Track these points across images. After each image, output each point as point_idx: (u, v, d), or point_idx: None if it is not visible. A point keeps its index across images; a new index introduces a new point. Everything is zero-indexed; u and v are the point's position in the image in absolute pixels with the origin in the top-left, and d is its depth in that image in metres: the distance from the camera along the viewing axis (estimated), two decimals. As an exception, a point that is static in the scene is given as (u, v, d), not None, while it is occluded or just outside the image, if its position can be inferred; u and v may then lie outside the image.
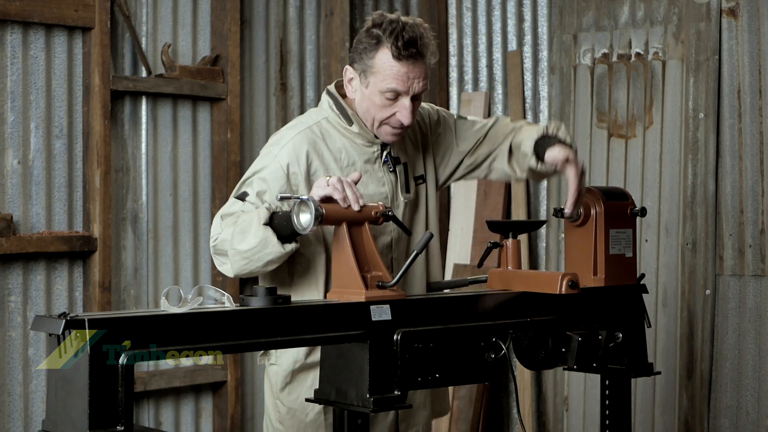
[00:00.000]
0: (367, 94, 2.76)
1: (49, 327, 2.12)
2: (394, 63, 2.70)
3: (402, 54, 2.69)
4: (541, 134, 2.93)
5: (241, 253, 2.65)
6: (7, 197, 4.07)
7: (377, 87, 2.73)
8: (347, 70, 2.81)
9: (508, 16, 5.38)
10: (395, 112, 2.76)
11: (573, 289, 2.72)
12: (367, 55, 2.73)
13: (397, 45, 2.68)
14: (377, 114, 2.77)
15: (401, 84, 2.71)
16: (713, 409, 4.60)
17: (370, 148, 2.85)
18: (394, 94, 2.73)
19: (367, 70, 2.74)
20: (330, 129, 2.85)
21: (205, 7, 4.72)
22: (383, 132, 2.81)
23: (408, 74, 2.71)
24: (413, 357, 2.53)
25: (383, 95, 2.73)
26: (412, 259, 2.60)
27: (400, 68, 2.71)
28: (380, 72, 2.72)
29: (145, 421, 4.49)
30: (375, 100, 2.75)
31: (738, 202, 4.55)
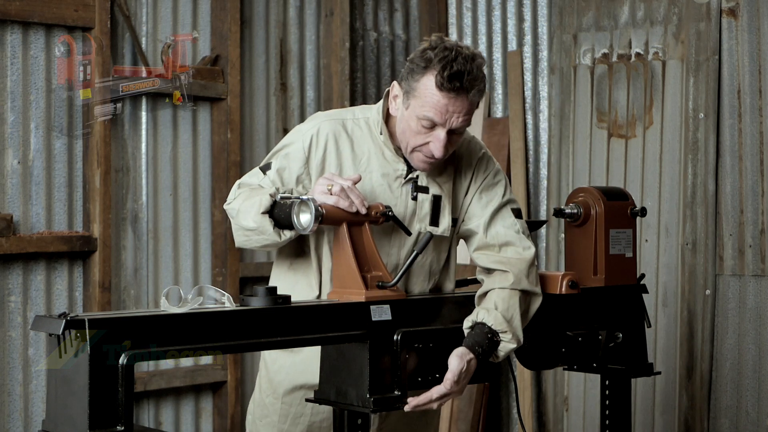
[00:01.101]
0: (406, 116, 2.66)
1: (49, 327, 2.12)
2: (435, 92, 2.59)
3: (445, 85, 2.57)
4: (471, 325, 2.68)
5: (242, 230, 2.68)
6: (7, 197, 4.07)
7: (415, 112, 2.63)
8: (394, 86, 2.72)
9: (508, 16, 5.38)
10: (429, 142, 2.65)
11: (573, 289, 2.72)
12: (414, 77, 2.63)
13: (443, 74, 2.56)
14: (411, 139, 2.67)
15: (439, 115, 2.60)
16: (713, 409, 4.60)
17: (394, 165, 2.75)
18: (431, 123, 2.62)
19: (410, 91, 2.64)
20: (365, 129, 2.77)
21: (205, 7, 4.72)
22: (415, 158, 2.70)
23: (448, 107, 2.59)
24: (413, 357, 2.53)
25: (420, 122, 2.62)
26: (412, 259, 2.60)
27: (440, 99, 2.59)
28: (421, 97, 2.61)
29: (145, 421, 4.49)
30: (411, 125, 2.65)
31: (738, 202, 4.55)
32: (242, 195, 2.72)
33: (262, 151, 4.93)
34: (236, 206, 2.70)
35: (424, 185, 2.74)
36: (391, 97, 2.73)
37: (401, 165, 2.75)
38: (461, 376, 2.54)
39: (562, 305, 2.79)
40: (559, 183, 5.00)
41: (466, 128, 2.68)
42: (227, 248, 4.66)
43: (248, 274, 4.78)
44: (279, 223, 2.61)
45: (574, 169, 4.97)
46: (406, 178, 2.74)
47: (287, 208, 2.57)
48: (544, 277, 2.80)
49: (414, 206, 2.75)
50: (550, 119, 5.16)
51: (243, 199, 2.70)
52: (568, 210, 2.93)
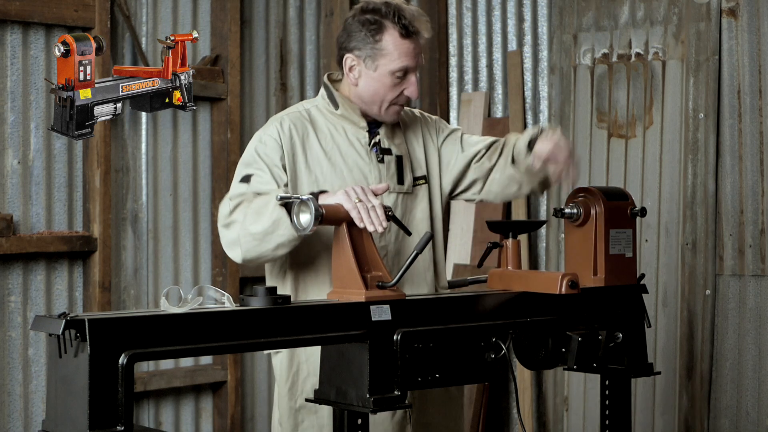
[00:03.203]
0: (376, 76, 2.85)
1: (49, 327, 2.12)
2: (402, 41, 2.81)
3: (409, 31, 2.81)
4: (535, 134, 2.98)
5: (253, 235, 2.67)
6: (7, 197, 4.07)
7: (388, 68, 2.83)
8: (347, 59, 2.87)
9: (508, 16, 5.38)
10: (404, 90, 2.85)
11: (573, 289, 2.72)
12: (372, 39, 2.82)
13: (402, 24, 2.80)
14: (387, 95, 2.86)
15: (411, 60, 2.83)
16: (713, 409, 4.60)
17: (357, 134, 2.90)
18: (404, 72, 2.83)
19: (374, 54, 2.83)
20: (317, 115, 2.92)
21: (205, 7, 4.72)
22: (391, 112, 2.90)
23: (414, 50, 2.83)
24: (413, 357, 2.53)
25: (394, 75, 2.83)
26: (413, 259, 2.60)
27: (408, 45, 2.82)
28: (390, 53, 2.82)
29: (145, 421, 4.49)
30: (385, 82, 2.84)
31: (738, 202, 4.55)
32: (243, 204, 2.73)
33: (262, 151, 4.93)
34: (239, 216, 2.70)
35: (387, 147, 2.93)
36: (347, 71, 2.88)
37: (363, 133, 2.90)
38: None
39: (562, 305, 2.79)
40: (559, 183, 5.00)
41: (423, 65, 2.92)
42: (227, 248, 4.66)
43: (248, 274, 4.78)
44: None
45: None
46: (370, 144, 2.90)
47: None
48: (544, 277, 2.80)
49: (382, 168, 2.91)
50: (550, 119, 5.16)
51: (246, 205, 2.71)
52: (568, 210, 2.93)
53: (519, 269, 2.85)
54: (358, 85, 2.88)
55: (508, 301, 2.77)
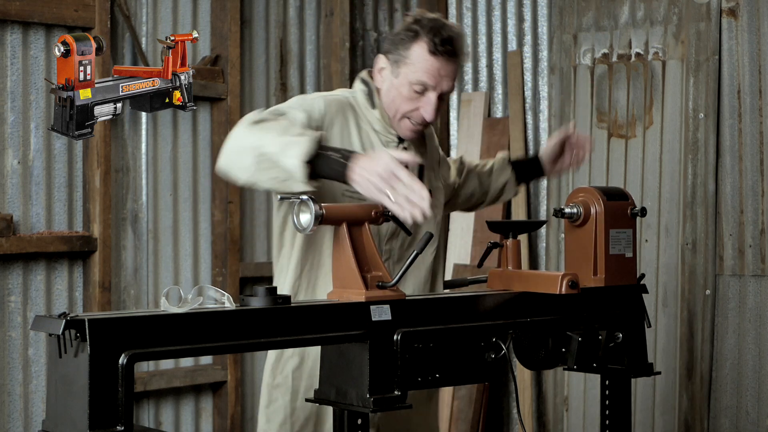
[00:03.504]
0: (396, 84, 2.78)
1: (49, 327, 2.12)
2: (428, 57, 2.74)
3: (438, 49, 2.73)
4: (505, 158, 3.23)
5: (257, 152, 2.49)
6: (7, 197, 4.07)
7: (408, 78, 2.76)
8: (379, 59, 2.83)
9: (508, 16, 5.38)
10: (419, 107, 2.78)
11: (573, 289, 2.72)
12: (403, 46, 2.76)
13: (434, 40, 2.72)
14: (402, 106, 2.79)
15: (432, 78, 2.75)
16: (713, 409, 4.60)
17: (386, 137, 2.84)
18: (423, 88, 2.76)
19: (400, 60, 2.77)
20: (357, 109, 2.85)
21: (205, 7, 4.72)
22: (403, 126, 2.82)
23: (440, 70, 2.75)
24: (413, 357, 2.53)
25: (412, 87, 2.75)
26: (413, 259, 2.60)
27: (433, 62, 2.74)
28: (414, 63, 2.75)
29: (145, 421, 4.49)
30: (403, 91, 2.77)
31: (738, 202, 4.55)
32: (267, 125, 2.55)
33: (262, 151, 4.93)
34: (271, 128, 2.52)
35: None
36: (376, 71, 2.83)
37: (393, 138, 2.84)
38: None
39: (562, 305, 2.79)
40: (559, 183, 5.00)
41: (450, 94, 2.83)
42: (227, 248, 4.66)
43: (248, 274, 4.78)
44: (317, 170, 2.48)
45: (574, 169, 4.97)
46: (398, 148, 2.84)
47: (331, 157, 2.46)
48: (544, 277, 2.80)
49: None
50: (550, 119, 5.16)
51: (282, 128, 2.53)
52: (568, 210, 2.93)
53: (519, 269, 2.85)
54: (382, 88, 2.83)
55: (508, 301, 2.76)
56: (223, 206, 4.68)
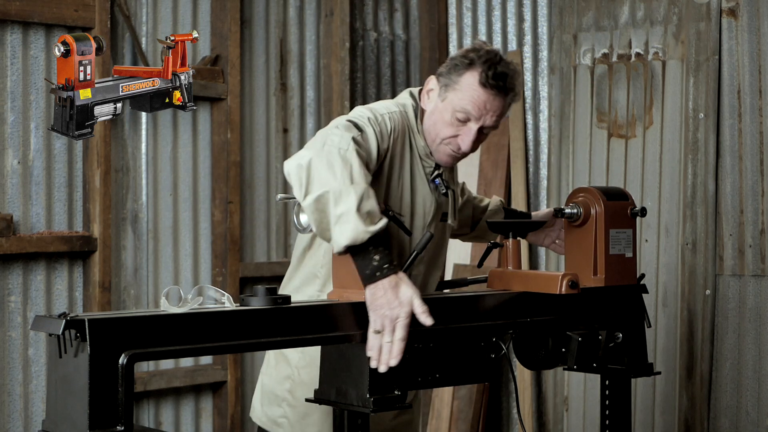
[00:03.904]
0: (440, 107, 2.76)
1: (49, 327, 2.12)
2: (477, 87, 2.72)
3: (489, 82, 2.70)
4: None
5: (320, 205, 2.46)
6: (7, 197, 4.07)
7: (452, 103, 2.73)
8: (430, 80, 2.81)
9: (508, 16, 5.38)
10: (458, 135, 2.76)
11: (573, 289, 2.72)
12: (456, 72, 2.74)
13: (488, 72, 2.70)
14: (442, 130, 2.76)
15: (476, 110, 2.72)
16: (713, 409, 4.60)
17: (427, 160, 2.82)
18: (465, 117, 2.73)
19: (450, 84, 2.75)
20: (409, 127, 2.82)
21: (205, 7, 4.72)
22: (441, 151, 2.79)
23: (486, 104, 2.72)
24: (413, 357, 2.53)
25: (455, 113, 2.73)
26: (412, 260, 2.60)
27: (481, 95, 2.72)
28: (462, 91, 2.72)
29: (145, 421, 4.49)
30: (445, 116, 2.75)
31: (738, 202, 4.55)
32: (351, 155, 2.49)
33: (262, 151, 4.93)
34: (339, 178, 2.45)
35: (447, 181, 2.87)
36: (425, 92, 2.81)
37: (430, 166, 2.82)
38: None
39: (562, 305, 2.80)
40: (559, 183, 5.00)
41: (493, 130, 2.79)
42: (227, 248, 4.66)
43: (248, 274, 4.78)
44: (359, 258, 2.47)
45: (574, 169, 4.97)
46: (433, 175, 2.82)
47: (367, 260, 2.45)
48: (544, 277, 2.80)
49: (444, 200, 2.86)
50: (550, 119, 5.16)
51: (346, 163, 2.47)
52: (568, 210, 2.93)
53: (519, 269, 2.85)
54: (427, 109, 2.81)
55: (508, 301, 2.76)
56: (223, 206, 4.68)
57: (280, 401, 2.93)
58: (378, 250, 2.45)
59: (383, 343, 2.43)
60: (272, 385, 2.95)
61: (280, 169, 5.01)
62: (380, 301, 2.44)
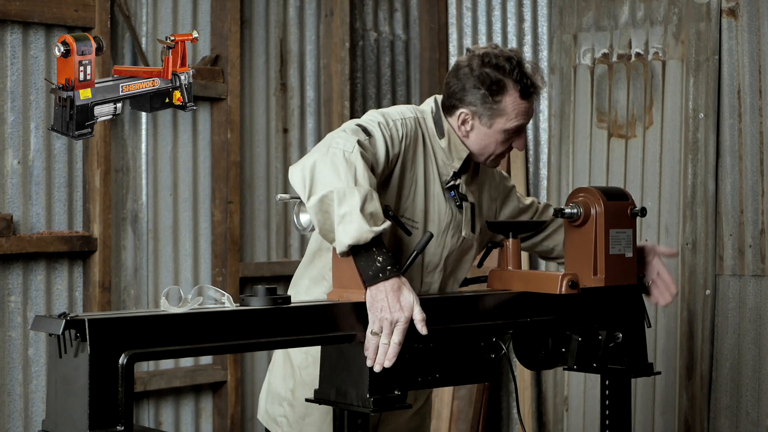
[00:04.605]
0: (490, 133, 2.81)
1: (49, 327, 2.12)
2: (520, 102, 2.79)
3: (529, 92, 2.79)
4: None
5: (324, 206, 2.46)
6: (7, 197, 4.07)
7: (504, 126, 2.80)
8: (461, 113, 2.80)
9: (508, 16, 5.38)
10: (512, 143, 2.85)
11: (573, 289, 2.72)
12: (492, 99, 2.77)
13: (523, 83, 2.78)
14: (497, 149, 2.84)
15: (527, 118, 2.83)
16: (713, 409, 4.60)
17: (443, 170, 2.84)
18: (519, 129, 2.83)
19: (492, 114, 2.78)
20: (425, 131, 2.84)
21: (205, 7, 4.72)
22: (496, 161, 2.90)
23: (529, 110, 2.83)
24: (413, 357, 2.53)
25: (507, 132, 2.81)
26: (412, 260, 2.60)
27: (527, 105, 2.81)
28: (509, 113, 2.79)
29: (145, 421, 4.49)
30: (498, 138, 2.82)
31: (738, 202, 4.55)
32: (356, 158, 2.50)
33: (262, 151, 4.93)
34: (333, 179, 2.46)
35: (464, 194, 2.88)
36: (458, 122, 2.81)
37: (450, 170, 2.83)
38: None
39: (562, 305, 2.80)
40: (559, 183, 5.00)
41: None
42: (227, 248, 4.66)
43: (248, 274, 4.78)
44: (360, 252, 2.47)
45: (574, 169, 4.97)
46: (448, 185, 2.84)
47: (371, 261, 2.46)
48: (544, 277, 2.80)
49: (459, 212, 2.86)
50: (550, 119, 5.16)
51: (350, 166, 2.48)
52: (568, 210, 2.93)
53: (519, 269, 2.85)
54: (469, 137, 2.83)
55: (508, 301, 2.76)
56: (223, 206, 4.68)
57: (282, 400, 2.94)
58: (381, 251, 2.45)
59: (380, 344, 2.44)
60: (276, 383, 2.97)
61: (280, 169, 5.01)
62: (381, 304, 2.44)
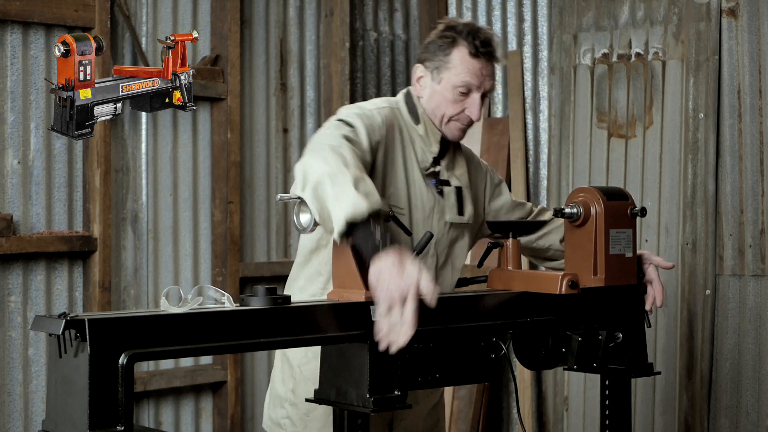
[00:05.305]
0: (439, 89, 2.86)
1: (49, 327, 2.11)
2: (469, 59, 2.82)
3: (479, 51, 2.83)
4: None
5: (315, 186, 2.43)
6: (7, 197, 4.07)
7: (451, 82, 2.83)
8: (417, 68, 2.90)
9: (508, 16, 5.38)
10: (465, 108, 2.86)
11: (573, 289, 2.72)
12: (443, 53, 2.84)
13: (474, 43, 2.82)
14: (447, 110, 2.86)
15: (475, 78, 2.83)
16: (713, 409, 4.60)
17: (423, 156, 2.87)
18: (467, 89, 2.84)
19: (441, 66, 2.84)
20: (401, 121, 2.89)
21: (205, 7, 4.72)
22: (451, 127, 2.88)
23: (482, 70, 2.84)
24: (413, 357, 2.53)
25: (456, 90, 2.83)
26: (413, 259, 2.60)
27: (475, 64, 2.83)
28: (456, 67, 2.83)
29: (145, 421, 4.49)
30: (447, 96, 2.85)
31: (738, 202, 4.55)
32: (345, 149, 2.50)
33: (262, 151, 4.93)
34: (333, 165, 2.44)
35: (445, 179, 2.91)
36: (415, 80, 2.90)
37: (429, 158, 2.87)
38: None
39: (562, 305, 2.79)
40: (559, 183, 5.00)
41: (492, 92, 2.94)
42: (227, 248, 4.66)
43: (248, 274, 4.78)
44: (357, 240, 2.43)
45: (574, 169, 4.97)
46: (428, 171, 2.87)
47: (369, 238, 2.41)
48: (544, 277, 2.80)
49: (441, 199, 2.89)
50: (550, 119, 5.16)
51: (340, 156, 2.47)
52: (568, 210, 2.93)
53: (519, 269, 2.85)
54: (423, 96, 2.89)
55: (508, 301, 2.76)
56: (223, 206, 4.68)
57: (283, 401, 2.94)
58: (378, 229, 2.45)
59: (392, 322, 2.33)
60: (277, 387, 2.98)
61: (280, 169, 5.01)
62: (386, 277, 2.34)
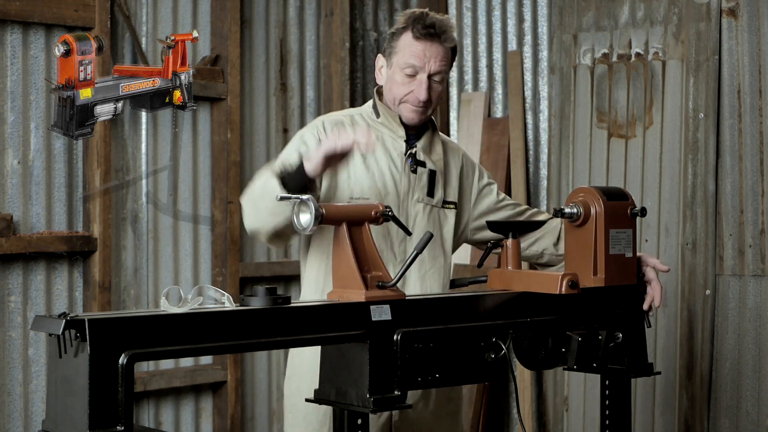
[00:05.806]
0: (390, 74, 3.02)
1: (49, 327, 2.12)
2: (413, 42, 2.97)
3: (421, 32, 2.96)
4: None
5: (249, 200, 2.82)
6: (7, 197, 4.07)
7: (398, 64, 2.99)
8: (378, 59, 3.09)
9: (508, 16, 5.38)
10: (413, 90, 2.98)
11: (573, 289, 2.72)
12: (394, 40, 3.02)
13: (417, 26, 2.97)
14: (397, 91, 3.00)
15: (418, 60, 2.96)
16: (713, 409, 4.60)
17: (394, 143, 3.02)
18: (413, 71, 2.97)
19: (392, 52, 3.02)
20: (360, 121, 3.07)
21: (205, 7, 4.72)
22: (404, 110, 3.01)
23: (425, 52, 2.96)
24: (413, 357, 2.53)
25: (403, 71, 2.98)
26: (412, 259, 2.60)
27: (418, 46, 2.97)
28: (402, 51, 2.99)
29: (145, 421, 4.49)
30: (396, 78, 2.99)
31: (738, 202, 4.55)
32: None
33: (262, 151, 4.93)
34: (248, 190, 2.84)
35: (422, 160, 3.05)
36: (377, 70, 3.09)
37: (401, 143, 3.03)
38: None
39: (562, 305, 2.80)
40: (559, 183, 5.00)
41: (443, 76, 3.01)
42: (227, 248, 4.66)
43: (248, 274, 4.78)
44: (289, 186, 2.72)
45: (574, 169, 4.97)
46: (406, 154, 3.02)
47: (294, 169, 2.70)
48: (544, 277, 2.80)
49: (414, 178, 3.02)
50: (550, 119, 5.16)
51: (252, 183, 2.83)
52: (568, 210, 2.93)
53: (519, 269, 2.85)
54: (382, 83, 3.06)
55: (508, 301, 2.76)
56: (223, 206, 4.68)
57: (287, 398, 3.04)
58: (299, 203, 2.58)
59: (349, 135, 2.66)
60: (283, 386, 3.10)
61: (280, 169, 5.01)
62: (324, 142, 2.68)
